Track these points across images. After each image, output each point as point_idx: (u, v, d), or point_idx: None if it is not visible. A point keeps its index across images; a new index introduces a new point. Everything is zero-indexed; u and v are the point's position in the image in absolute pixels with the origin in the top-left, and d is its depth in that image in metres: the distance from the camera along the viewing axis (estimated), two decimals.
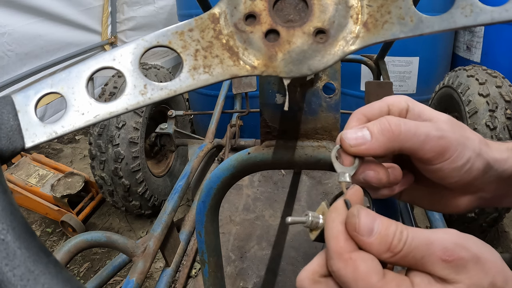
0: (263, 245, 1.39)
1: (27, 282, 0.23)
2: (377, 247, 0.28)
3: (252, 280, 1.27)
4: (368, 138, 0.33)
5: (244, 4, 0.31)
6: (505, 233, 1.82)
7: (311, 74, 0.31)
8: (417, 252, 0.27)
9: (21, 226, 0.25)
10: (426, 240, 0.27)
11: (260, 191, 1.66)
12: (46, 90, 0.30)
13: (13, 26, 2.46)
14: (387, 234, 0.28)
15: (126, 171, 1.71)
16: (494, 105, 1.48)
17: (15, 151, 0.28)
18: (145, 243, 0.95)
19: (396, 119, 0.34)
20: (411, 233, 0.28)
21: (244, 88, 1.56)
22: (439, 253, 0.27)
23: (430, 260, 0.27)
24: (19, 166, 2.12)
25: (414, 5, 0.30)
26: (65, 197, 1.90)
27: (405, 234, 0.28)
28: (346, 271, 0.27)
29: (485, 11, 0.28)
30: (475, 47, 2.15)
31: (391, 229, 0.28)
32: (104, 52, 1.06)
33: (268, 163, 0.58)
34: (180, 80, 0.31)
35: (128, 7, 3.30)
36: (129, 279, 0.88)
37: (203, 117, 2.31)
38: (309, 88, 0.55)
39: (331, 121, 0.56)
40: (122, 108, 0.30)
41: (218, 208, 0.65)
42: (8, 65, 2.47)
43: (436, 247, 0.27)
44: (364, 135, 0.33)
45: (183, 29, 0.31)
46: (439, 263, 0.27)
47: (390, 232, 0.28)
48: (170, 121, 1.79)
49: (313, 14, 0.31)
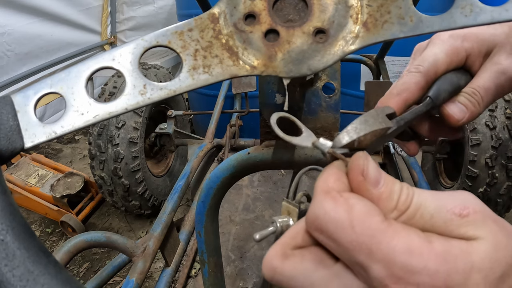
0: (263, 245, 1.39)
1: (27, 282, 0.23)
2: (384, 202, 0.23)
3: (252, 280, 1.27)
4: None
5: (243, 4, 0.31)
6: None
7: (310, 74, 0.31)
8: (425, 209, 0.22)
9: (20, 226, 0.25)
10: (434, 195, 0.23)
11: (260, 191, 1.66)
12: (45, 90, 0.30)
13: (12, 26, 2.46)
14: (393, 189, 0.23)
15: (125, 171, 1.71)
16: (494, 104, 1.48)
17: (14, 151, 0.28)
18: (144, 243, 0.95)
19: None
20: (417, 191, 0.23)
21: (244, 88, 1.56)
22: (451, 206, 0.22)
23: (442, 217, 0.22)
24: (19, 166, 2.12)
25: (413, 5, 0.30)
26: (64, 197, 1.90)
27: (411, 191, 0.23)
28: (337, 212, 0.21)
29: (485, 11, 0.28)
30: None
31: (397, 186, 0.23)
32: (104, 52, 1.06)
33: (268, 163, 0.58)
34: (179, 80, 0.31)
35: (127, 7, 3.30)
36: (129, 279, 0.88)
37: (202, 117, 2.31)
38: (309, 88, 0.55)
39: (331, 121, 0.56)
40: (122, 108, 0.30)
41: (218, 208, 0.65)
42: (7, 65, 2.47)
43: (448, 202, 0.23)
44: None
45: (183, 29, 0.31)
46: (454, 219, 0.22)
47: (396, 188, 0.23)
48: (170, 121, 1.79)
49: (312, 14, 0.31)
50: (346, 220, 0.21)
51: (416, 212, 0.23)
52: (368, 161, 0.23)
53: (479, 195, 1.48)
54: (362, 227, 0.21)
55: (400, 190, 0.23)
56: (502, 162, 1.44)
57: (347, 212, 0.21)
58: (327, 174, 0.24)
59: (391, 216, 0.23)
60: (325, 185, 0.23)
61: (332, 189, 0.22)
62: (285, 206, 0.31)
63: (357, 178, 0.23)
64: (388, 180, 0.23)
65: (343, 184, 0.23)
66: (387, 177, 0.24)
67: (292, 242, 0.24)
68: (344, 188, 0.23)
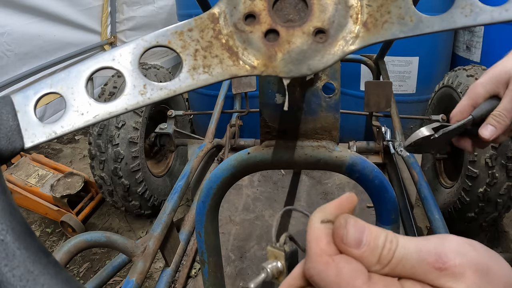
0: (263, 245, 1.39)
1: (27, 282, 0.23)
2: (366, 259, 0.26)
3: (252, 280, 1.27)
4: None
5: (243, 4, 0.31)
6: (505, 233, 1.82)
7: (310, 74, 0.30)
8: (407, 261, 0.25)
9: (20, 226, 0.25)
10: (416, 248, 0.26)
11: (260, 191, 1.66)
12: (45, 90, 0.30)
13: (12, 26, 2.46)
14: (376, 245, 0.26)
15: (125, 171, 1.71)
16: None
17: (14, 151, 0.28)
18: (144, 243, 0.95)
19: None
20: (401, 241, 0.26)
21: (244, 88, 1.56)
22: (431, 260, 0.25)
23: (422, 269, 0.25)
24: (19, 166, 2.12)
25: (413, 5, 0.30)
26: (64, 197, 1.90)
27: (395, 243, 0.26)
28: (327, 274, 0.25)
29: (485, 11, 0.28)
30: (475, 47, 2.15)
31: (381, 239, 0.26)
32: (104, 52, 1.06)
33: (268, 163, 0.58)
34: (179, 80, 0.31)
35: (127, 7, 3.30)
36: (129, 279, 0.88)
37: (202, 117, 2.31)
38: (309, 88, 0.54)
39: (331, 121, 0.56)
40: (122, 108, 0.30)
41: (218, 208, 0.65)
42: (7, 65, 2.47)
43: (428, 254, 0.25)
44: None
45: (183, 29, 0.31)
46: (432, 271, 0.25)
47: (380, 242, 0.26)
48: (170, 121, 1.79)
49: (312, 14, 0.31)
50: (334, 281, 0.25)
51: (398, 263, 0.25)
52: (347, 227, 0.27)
53: (479, 195, 1.48)
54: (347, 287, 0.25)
55: (383, 245, 0.26)
56: (502, 162, 1.44)
57: (335, 275, 0.25)
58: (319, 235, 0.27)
59: (375, 268, 0.26)
60: (318, 247, 0.26)
61: (325, 252, 0.26)
62: (271, 251, 0.33)
63: (339, 245, 0.27)
64: (371, 235, 0.26)
65: (334, 246, 0.27)
66: (371, 233, 0.27)
67: (296, 283, 0.28)
68: (335, 250, 0.27)
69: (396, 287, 0.25)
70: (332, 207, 0.29)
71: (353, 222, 0.27)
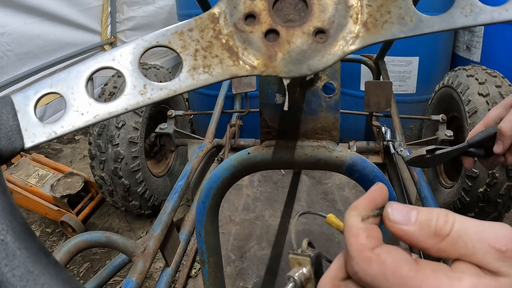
0: (263, 245, 1.39)
1: (27, 282, 0.23)
2: (419, 233, 0.25)
3: (252, 280, 1.27)
4: None
5: (243, 4, 0.31)
6: None
7: (310, 74, 0.30)
8: (468, 238, 0.24)
9: (20, 226, 0.25)
10: (476, 228, 0.25)
11: (260, 191, 1.66)
12: (45, 90, 0.30)
13: (12, 26, 2.46)
14: (429, 218, 0.25)
15: (125, 171, 1.71)
16: (494, 104, 1.48)
17: (14, 151, 0.28)
18: (144, 243, 0.95)
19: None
20: (458, 218, 0.25)
21: (244, 88, 1.56)
22: (492, 241, 0.24)
23: (482, 249, 0.24)
24: (19, 166, 2.12)
25: (413, 4, 0.30)
26: (64, 197, 1.90)
27: (451, 217, 0.25)
28: (371, 268, 0.25)
29: (485, 11, 0.28)
30: (475, 47, 2.15)
31: (434, 213, 0.26)
32: (104, 52, 1.06)
33: (268, 163, 0.58)
34: (179, 80, 0.31)
35: (127, 7, 3.30)
36: (129, 279, 0.88)
37: (202, 117, 2.31)
38: (309, 88, 0.54)
39: (331, 121, 0.56)
40: (122, 108, 0.30)
41: (218, 208, 0.65)
42: (7, 65, 2.47)
43: (489, 236, 0.24)
44: None
45: (183, 29, 0.31)
46: (492, 252, 0.24)
47: (433, 216, 0.25)
48: (170, 121, 1.79)
49: (312, 14, 0.31)
50: (379, 273, 0.25)
51: (458, 239, 0.25)
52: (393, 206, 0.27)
53: (479, 195, 1.47)
54: (394, 277, 0.24)
55: (436, 217, 0.25)
56: None
57: (380, 267, 0.25)
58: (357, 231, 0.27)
59: (432, 242, 0.25)
60: (358, 243, 0.26)
61: (365, 247, 0.26)
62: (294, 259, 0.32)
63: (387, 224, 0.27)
64: (422, 212, 0.26)
65: (373, 239, 0.26)
66: (419, 211, 0.26)
67: (340, 274, 0.28)
68: (375, 243, 0.26)
69: (446, 270, 0.24)
70: (365, 202, 0.28)
71: (398, 203, 0.27)
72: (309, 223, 1.46)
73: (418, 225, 0.26)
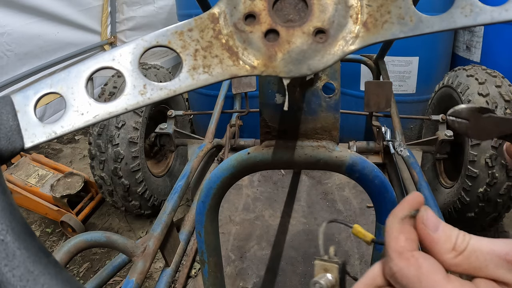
0: (263, 245, 1.39)
1: (27, 282, 0.23)
2: (442, 244, 0.28)
3: (252, 280, 1.27)
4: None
5: (243, 4, 0.31)
6: (505, 233, 1.82)
7: (310, 74, 0.30)
8: (481, 253, 0.27)
9: (20, 226, 0.25)
10: (488, 244, 0.27)
11: (260, 191, 1.66)
12: (45, 90, 0.30)
13: (12, 26, 2.46)
14: (451, 233, 0.28)
15: (125, 171, 1.71)
16: (494, 104, 1.48)
17: (14, 151, 0.28)
18: (144, 243, 0.95)
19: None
20: (473, 237, 0.28)
21: (244, 88, 1.56)
22: (502, 254, 0.27)
23: (494, 262, 0.27)
24: (19, 166, 2.12)
25: (413, 4, 0.30)
26: (64, 197, 1.90)
27: (467, 236, 0.28)
28: (409, 270, 0.27)
29: (485, 11, 0.28)
30: (475, 47, 2.15)
31: (454, 231, 0.28)
32: (104, 52, 1.06)
33: (268, 163, 0.58)
34: (179, 80, 0.31)
35: (127, 7, 3.30)
36: (128, 279, 0.88)
37: (202, 117, 2.31)
38: (309, 88, 0.54)
39: (331, 121, 0.56)
40: (122, 108, 0.30)
41: (218, 208, 0.65)
42: (7, 65, 2.47)
43: (499, 248, 0.27)
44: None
45: (183, 29, 0.31)
46: (503, 264, 0.26)
47: (454, 232, 0.28)
48: (170, 121, 1.79)
49: (312, 14, 0.31)
50: (415, 277, 0.26)
51: (472, 254, 0.27)
52: (428, 211, 0.29)
53: (479, 195, 1.47)
54: (427, 282, 0.26)
55: (457, 235, 0.28)
56: (502, 162, 1.44)
57: (416, 270, 0.27)
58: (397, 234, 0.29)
59: (449, 256, 0.27)
60: (398, 245, 0.28)
61: (405, 249, 0.28)
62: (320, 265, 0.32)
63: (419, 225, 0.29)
64: (446, 227, 0.29)
65: (412, 242, 0.28)
66: (446, 225, 0.29)
67: (374, 283, 0.29)
68: (413, 246, 0.28)
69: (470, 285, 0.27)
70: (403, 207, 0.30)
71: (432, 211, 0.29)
72: (309, 223, 1.46)
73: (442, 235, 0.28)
